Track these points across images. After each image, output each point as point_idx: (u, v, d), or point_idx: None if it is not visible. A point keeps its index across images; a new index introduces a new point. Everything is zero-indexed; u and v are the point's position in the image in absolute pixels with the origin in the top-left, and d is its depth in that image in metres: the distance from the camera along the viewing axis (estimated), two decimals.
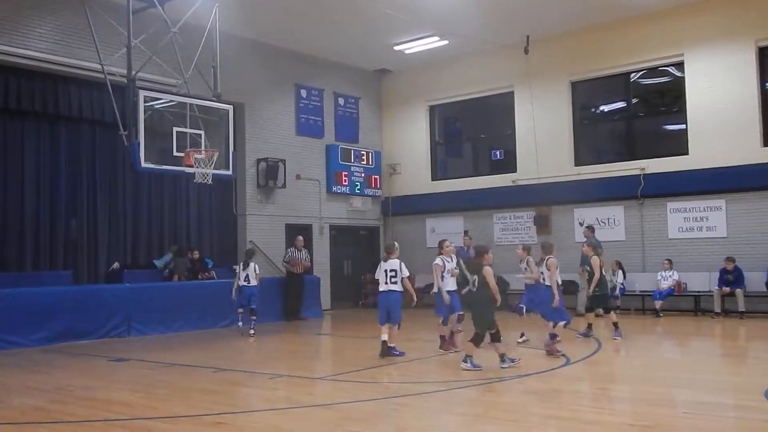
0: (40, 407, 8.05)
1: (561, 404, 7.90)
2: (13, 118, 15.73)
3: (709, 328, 15.02)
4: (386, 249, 11.26)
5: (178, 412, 7.70)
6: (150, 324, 15.00)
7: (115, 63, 13.94)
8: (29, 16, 15.14)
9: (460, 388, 8.70)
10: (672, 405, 7.84)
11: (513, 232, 20.37)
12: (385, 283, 10.82)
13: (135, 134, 13.20)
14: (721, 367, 10.84)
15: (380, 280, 10.90)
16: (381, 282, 10.87)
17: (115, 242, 17.23)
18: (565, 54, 19.46)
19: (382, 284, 10.85)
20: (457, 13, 17.42)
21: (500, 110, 21.19)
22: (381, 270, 10.92)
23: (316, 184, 20.95)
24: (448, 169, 22.85)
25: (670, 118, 18.91)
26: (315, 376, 10.28)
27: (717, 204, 17.23)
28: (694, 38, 17.57)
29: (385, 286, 10.83)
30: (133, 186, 17.60)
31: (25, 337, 13.13)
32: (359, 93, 22.55)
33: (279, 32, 18.91)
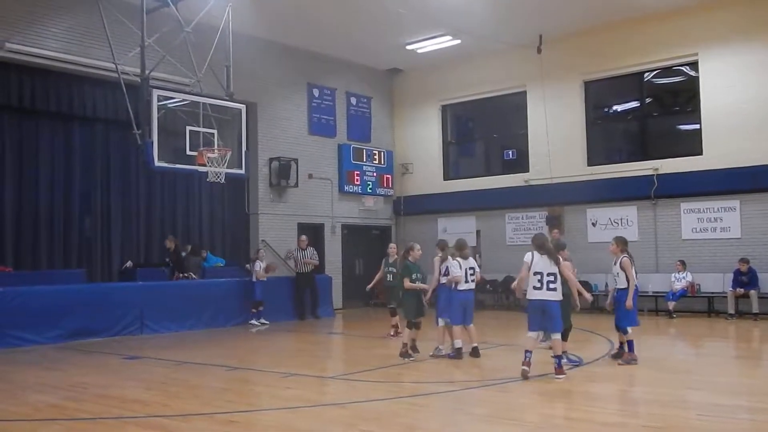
0: (55, 404, 8.10)
1: (573, 405, 7.88)
2: (27, 117, 15.83)
3: (723, 329, 14.94)
4: (459, 247, 10.95)
5: (190, 410, 7.74)
6: (163, 322, 15.07)
7: (129, 62, 14.02)
8: (44, 15, 15.23)
9: (473, 388, 8.69)
10: (685, 407, 7.80)
11: (525, 232, 20.30)
12: (466, 281, 10.68)
13: (148, 133, 13.28)
14: (734, 369, 10.77)
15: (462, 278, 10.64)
16: (462, 280, 10.64)
17: (128, 241, 17.32)
18: (578, 53, 19.39)
19: (463, 283, 10.65)
20: (470, 12, 17.39)
21: (513, 110, 21.13)
22: (463, 268, 10.67)
23: (328, 184, 20.97)
24: (460, 169, 22.82)
25: (683, 117, 18.82)
26: (327, 375, 10.30)
27: (731, 204, 17.13)
28: (708, 38, 17.47)
29: (466, 285, 10.66)
30: (146, 185, 17.69)
31: (40, 334, 13.22)
32: (371, 92, 22.56)
33: (291, 32, 18.94)
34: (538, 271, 8.99)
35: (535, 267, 9.02)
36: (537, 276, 8.99)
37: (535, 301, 9.03)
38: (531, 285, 9.04)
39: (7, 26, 14.68)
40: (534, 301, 9.04)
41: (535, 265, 9.04)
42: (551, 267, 9.01)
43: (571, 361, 10.08)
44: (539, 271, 8.99)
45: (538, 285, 8.99)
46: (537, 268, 9.02)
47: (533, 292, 9.01)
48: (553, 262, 9.06)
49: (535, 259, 9.08)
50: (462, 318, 10.74)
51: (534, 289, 9.02)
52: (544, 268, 8.99)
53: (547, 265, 9.01)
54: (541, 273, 8.98)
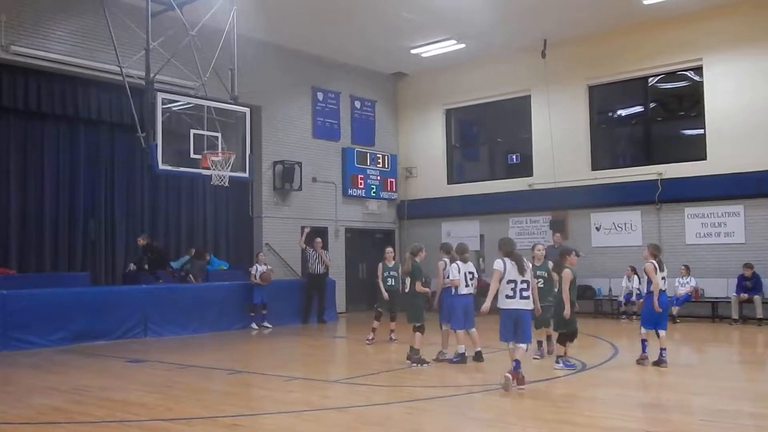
0: (58, 407, 8.11)
1: (576, 410, 7.87)
2: (33, 120, 15.88)
3: (727, 334, 14.91)
4: (460, 251, 11.07)
5: (194, 414, 7.74)
6: (166, 325, 15.09)
7: (134, 65, 14.05)
8: (49, 18, 15.29)
9: (475, 392, 8.68)
10: (689, 412, 7.79)
11: (529, 236, 20.27)
12: (466, 286, 10.82)
13: (153, 136, 13.31)
14: (738, 374, 10.75)
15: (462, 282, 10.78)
16: (462, 284, 10.76)
17: (132, 243, 17.33)
18: (582, 58, 19.40)
19: (462, 287, 10.77)
20: (475, 16, 17.41)
21: (517, 114, 21.13)
22: (461, 272, 10.81)
23: (332, 187, 20.99)
24: (464, 173, 22.81)
25: (688, 122, 18.80)
26: (330, 379, 10.29)
27: (735, 210, 17.10)
28: (713, 43, 17.46)
29: (465, 289, 10.80)
30: (150, 188, 17.72)
31: (44, 337, 13.24)
32: (376, 96, 22.58)
33: (296, 35, 18.97)
34: (512, 279, 8.51)
35: (508, 275, 8.53)
36: (510, 284, 8.51)
37: (510, 311, 8.55)
38: (503, 294, 8.54)
39: (13, 29, 14.74)
40: (509, 311, 8.55)
41: (508, 273, 8.54)
42: (524, 274, 8.57)
43: (567, 365, 10.07)
44: (513, 279, 8.51)
45: (511, 294, 8.51)
46: (510, 276, 8.52)
47: (506, 301, 8.53)
48: (524, 269, 8.61)
49: (507, 266, 8.58)
50: (463, 322, 10.81)
51: (507, 299, 8.53)
52: (516, 275, 8.53)
53: (519, 273, 8.56)
54: (515, 281, 8.51)
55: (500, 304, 8.54)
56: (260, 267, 16.67)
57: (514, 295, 8.52)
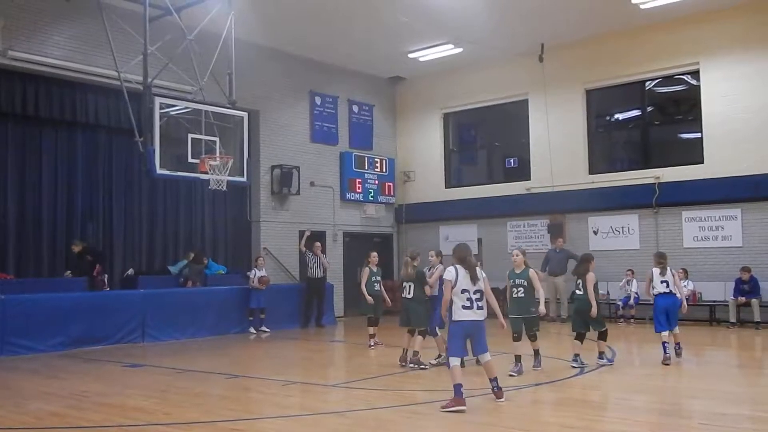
0: (56, 413, 8.10)
1: (575, 413, 7.87)
2: (31, 125, 15.88)
3: (725, 338, 14.92)
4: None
5: (192, 418, 7.73)
6: (164, 330, 15.07)
7: (132, 70, 14.05)
8: (47, 23, 15.29)
9: (474, 396, 8.67)
10: (688, 416, 7.80)
11: (527, 240, 20.32)
12: None
13: (151, 141, 13.29)
14: (736, 377, 10.76)
15: None
16: None
17: (130, 248, 17.35)
18: (579, 62, 19.43)
19: None
20: (472, 20, 17.44)
21: (514, 118, 21.15)
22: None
23: (329, 191, 20.99)
24: (462, 177, 22.83)
25: (685, 126, 18.84)
26: (328, 383, 10.28)
27: (732, 213, 17.13)
28: (710, 47, 17.50)
29: None
30: (148, 192, 17.71)
31: (42, 342, 13.21)
32: (373, 100, 22.60)
33: (294, 40, 18.99)
34: (465, 288, 7.94)
35: (460, 284, 7.95)
36: (465, 294, 7.91)
37: (465, 323, 7.91)
38: (459, 304, 7.90)
39: (11, 34, 14.73)
40: (464, 323, 7.92)
41: (460, 282, 7.95)
42: (476, 283, 7.99)
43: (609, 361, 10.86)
44: (466, 288, 7.94)
45: (468, 305, 7.91)
46: (463, 285, 7.93)
47: (463, 312, 7.90)
48: (476, 278, 8.02)
49: (460, 275, 8.01)
50: None
51: (464, 309, 7.90)
52: (469, 285, 7.96)
53: (471, 281, 7.98)
54: (468, 290, 7.94)
55: (455, 316, 7.93)
56: (259, 271, 16.71)
57: (471, 305, 7.93)
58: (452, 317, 7.98)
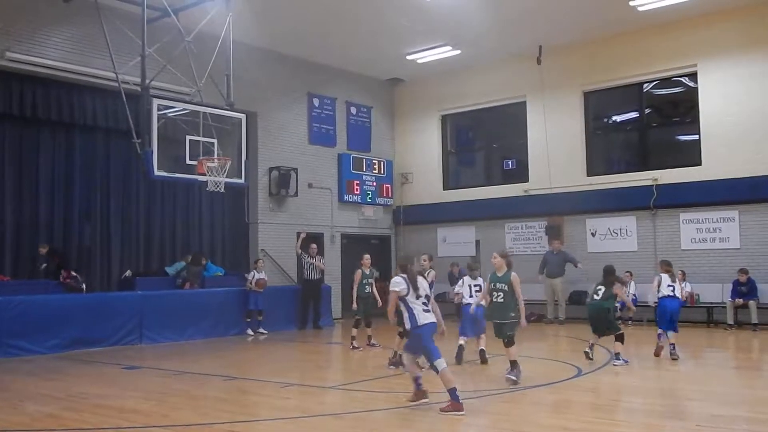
0: (53, 414, 8.09)
1: (571, 415, 7.88)
2: (28, 126, 15.86)
3: (722, 339, 14.93)
4: (471, 267, 12.38)
5: (190, 420, 7.73)
6: (162, 332, 15.06)
7: (130, 72, 14.05)
8: (45, 25, 15.28)
9: (471, 398, 8.67)
10: (685, 417, 7.80)
11: (525, 241, 20.34)
12: (470, 295, 11.78)
13: (148, 142, 13.29)
14: (734, 379, 10.76)
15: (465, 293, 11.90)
16: (466, 295, 11.85)
17: (128, 250, 17.31)
18: (577, 64, 19.45)
19: (467, 298, 11.82)
20: (470, 22, 17.45)
21: (513, 120, 21.17)
22: (465, 285, 11.96)
23: (327, 193, 20.99)
24: (460, 179, 22.84)
25: (683, 128, 18.86)
26: (326, 385, 10.29)
27: (730, 215, 17.15)
28: (707, 49, 17.53)
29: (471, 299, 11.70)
30: (146, 194, 17.69)
31: (39, 344, 13.21)
32: (372, 102, 22.61)
33: (292, 41, 18.99)
34: (421, 294, 8.22)
35: (417, 290, 8.17)
36: (421, 299, 8.19)
37: (430, 325, 8.14)
38: (420, 309, 8.11)
39: (9, 35, 14.73)
40: (430, 325, 8.14)
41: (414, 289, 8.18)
42: (417, 291, 8.20)
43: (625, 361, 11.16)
44: (421, 294, 8.22)
45: (427, 308, 8.19)
46: (419, 291, 8.18)
47: (425, 315, 8.13)
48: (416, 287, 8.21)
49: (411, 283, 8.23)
50: (473, 330, 11.57)
51: (425, 312, 8.14)
52: (425, 290, 8.27)
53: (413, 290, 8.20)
54: (422, 296, 8.22)
55: (420, 321, 8.08)
56: (258, 274, 16.71)
57: (429, 309, 8.20)
58: (417, 323, 8.09)
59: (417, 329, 8.10)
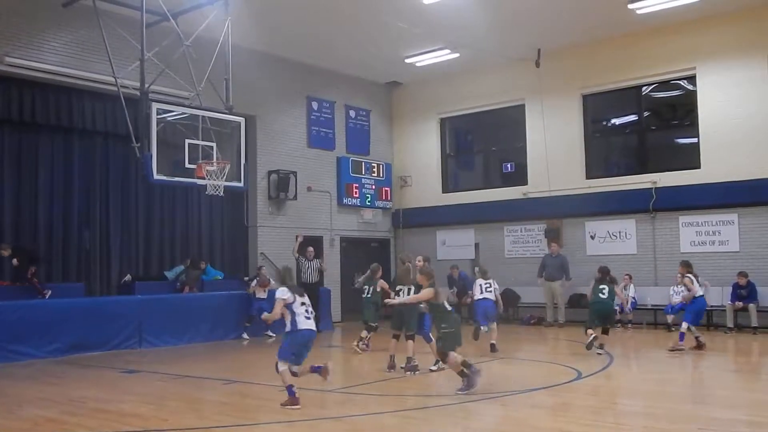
0: (53, 418, 8.08)
1: (571, 418, 7.87)
2: (27, 131, 15.85)
3: (722, 343, 14.92)
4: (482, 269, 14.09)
5: (189, 424, 7.72)
6: (161, 336, 15.04)
7: (129, 76, 14.05)
8: (44, 29, 15.29)
9: (471, 401, 8.67)
10: (684, 420, 7.78)
11: (524, 245, 20.34)
12: (480, 292, 13.58)
13: (148, 146, 13.30)
14: (734, 382, 10.76)
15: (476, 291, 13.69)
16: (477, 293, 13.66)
17: (127, 254, 17.30)
18: (576, 67, 19.47)
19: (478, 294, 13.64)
20: (469, 26, 17.47)
21: (511, 123, 21.19)
22: (477, 284, 13.71)
23: (327, 196, 21.00)
24: (459, 182, 22.85)
25: (682, 131, 18.87)
26: (325, 389, 10.27)
27: (729, 218, 17.15)
28: (706, 52, 17.55)
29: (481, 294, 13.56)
30: (145, 198, 17.68)
31: (38, 348, 13.18)
32: (370, 105, 22.63)
33: (291, 45, 19.01)
34: (304, 301, 8.76)
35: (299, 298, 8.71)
36: (304, 306, 8.70)
37: (308, 331, 8.70)
38: (301, 315, 8.61)
39: (8, 40, 14.74)
40: (307, 332, 8.68)
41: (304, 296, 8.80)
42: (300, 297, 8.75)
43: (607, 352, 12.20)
44: (305, 301, 8.77)
45: (309, 315, 8.71)
46: (302, 298, 8.73)
47: (306, 321, 8.66)
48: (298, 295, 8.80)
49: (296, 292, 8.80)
50: (483, 320, 13.51)
51: (306, 319, 8.67)
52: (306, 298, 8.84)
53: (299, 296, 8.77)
54: (306, 303, 8.77)
55: (300, 326, 8.56)
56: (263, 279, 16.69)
57: (310, 316, 8.70)
58: (296, 327, 8.57)
59: (295, 333, 8.59)
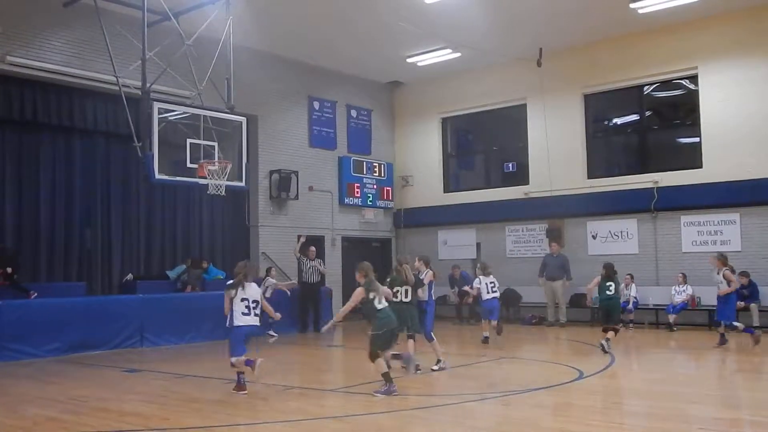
0: (54, 417, 8.08)
1: (573, 418, 7.86)
2: (29, 130, 15.85)
3: None
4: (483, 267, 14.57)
5: (190, 423, 7.72)
6: (163, 335, 15.04)
7: (130, 75, 14.05)
8: (45, 29, 15.30)
9: (472, 401, 8.67)
10: (686, 420, 7.78)
11: (525, 244, 20.33)
12: (487, 292, 14.21)
13: (149, 146, 13.30)
14: (735, 382, 10.75)
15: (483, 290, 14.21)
16: (484, 292, 14.20)
17: (128, 253, 17.30)
18: (578, 66, 19.45)
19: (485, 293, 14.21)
20: (470, 25, 17.46)
21: (513, 122, 21.17)
22: (482, 283, 14.22)
23: (328, 196, 20.99)
24: (460, 182, 22.84)
25: (683, 131, 18.85)
26: (327, 388, 10.27)
27: (731, 218, 17.14)
28: (708, 51, 17.53)
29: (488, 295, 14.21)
30: (146, 197, 17.68)
31: (39, 347, 13.19)
32: (372, 105, 22.62)
33: (292, 44, 19.01)
34: (245, 297, 9.45)
35: (241, 294, 9.44)
36: (244, 302, 9.43)
37: (246, 327, 9.44)
38: (239, 311, 9.40)
39: (9, 39, 14.73)
40: (245, 327, 9.44)
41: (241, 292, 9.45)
42: (257, 294, 9.63)
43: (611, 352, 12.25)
44: (246, 297, 9.45)
45: (247, 312, 9.42)
46: (243, 294, 9.43)
47: (243, 318, 9.40)
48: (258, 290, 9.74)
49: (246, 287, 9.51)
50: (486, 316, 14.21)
51: (243, 315, 9.41)
52: (251, 295, 9.51)
53: (254, 293, 9.60)
54: (248, 299, 9.45)
55: (236, 322, 9.38)
56: (272, 280, 16.55)
57: (249, 312, 9.44)
58: (233, 323, 9.42)
59: (232, 329, 9.43)
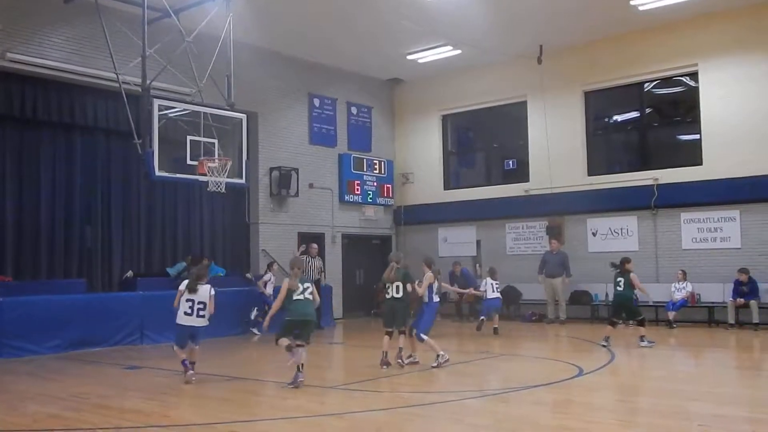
0: (54, 414, 8.09)
1: (572, 415, 7.87)
2: (29, 127, 15.83)
3: (723, 339, 14.91)
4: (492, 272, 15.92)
5: (190, 420, 7.73)
6: (163, 332, 14.95)
7: (130, 72, 14.05)
8: (45, 25, 15.28)
9: (472, 398, 8.68)
10: (686, 417, 7.79)
11: (525, 242, 20.33)
12: (492, 292, 15.61)
13: (149, 143, 13.28)
14: (735, 379, 10.76)
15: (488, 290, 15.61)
16: (489, 291, 15.62)
17: (129, 250, 17.29)
18: (578, 64, 19.44)
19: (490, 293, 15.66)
20: (471, 22, 17.45)
21: (513, 120, 21.17)
22: (488, 284, 15.69)
23: (328, 193, 20.99)
24: (460, 179, 22.84)
25: (683, 128, 18.85)
26: (326, 386, 10.28)
27: (731, 215, 17.13)
28: (708, 48, 17.52)
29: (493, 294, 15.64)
30: (147, 194, 17.66)
31: (40, 344, 13.21)
32: (372, 102, 22.61)
33: (292, 41, 19.00)
34: (189, 298, 10.09)
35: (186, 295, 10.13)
36: (189, 303, 10.09)
37: (185, 327, 10.14)
38: (181, 311, 10.13)
39: (9, 36, 14.72)
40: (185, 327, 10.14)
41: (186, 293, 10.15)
42: (204, 297, 10.14)
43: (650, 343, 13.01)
44: (190, 298, 10.10)
45: (189, 312, 10.09)
46: (187, 295, 10.11)
47: (184, 317, 10.12)
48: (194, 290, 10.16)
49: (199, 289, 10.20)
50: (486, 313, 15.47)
51: (185, 315, 10.11)
52: (197, 296, 10.13)
53: (203, 295, 10.16)
54: (193, 300, 10.08)
55: (177, 320, 10.15)
56: (274, 277, 16.60)
57: (191, 312, 10.09)
58: (177, 321, 10.17)
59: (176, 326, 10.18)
